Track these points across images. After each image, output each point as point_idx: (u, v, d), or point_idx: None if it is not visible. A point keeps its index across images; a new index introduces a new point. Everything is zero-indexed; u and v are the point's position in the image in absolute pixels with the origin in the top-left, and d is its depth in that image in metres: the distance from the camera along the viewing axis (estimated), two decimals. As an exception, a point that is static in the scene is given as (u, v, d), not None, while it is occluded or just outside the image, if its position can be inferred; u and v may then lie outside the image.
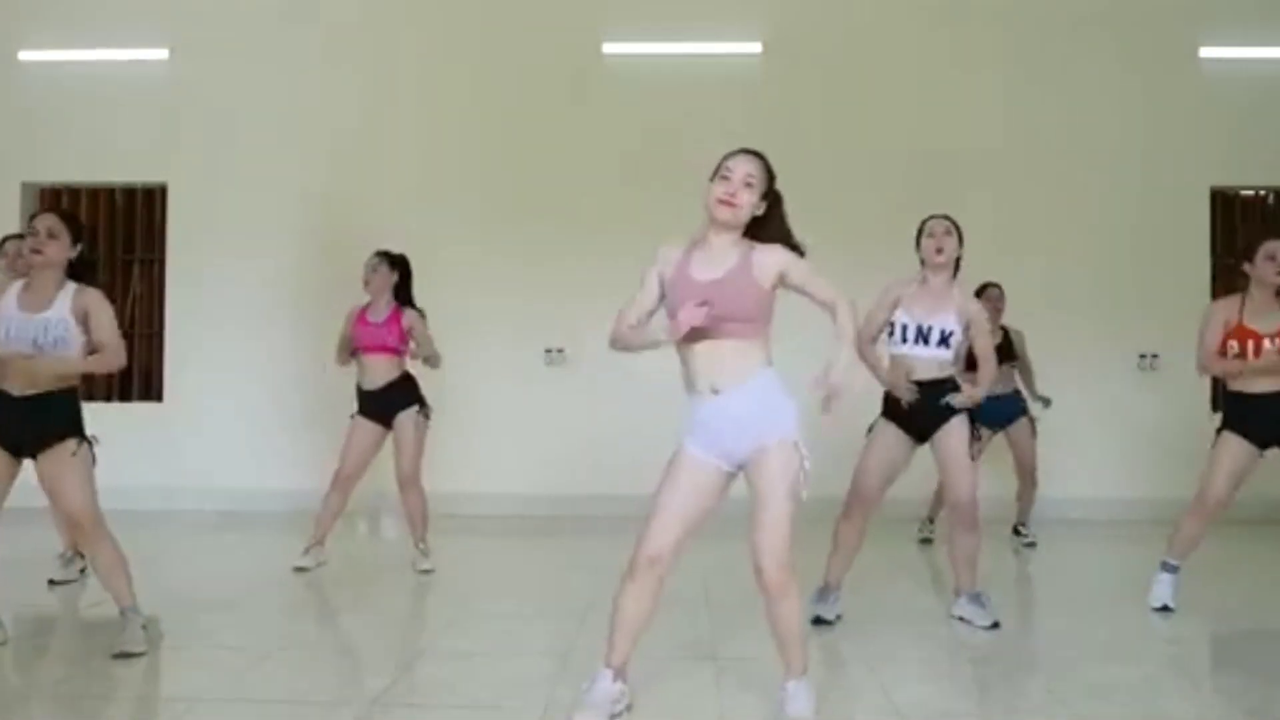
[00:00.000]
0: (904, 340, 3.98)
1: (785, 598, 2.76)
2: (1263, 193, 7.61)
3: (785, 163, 8.12)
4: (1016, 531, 6.05)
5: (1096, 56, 7.20)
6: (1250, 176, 7.41)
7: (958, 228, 4.07)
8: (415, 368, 5.20)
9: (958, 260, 4.08)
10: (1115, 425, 7.07)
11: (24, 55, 7.54)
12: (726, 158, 2.84)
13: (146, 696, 3.26)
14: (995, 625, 3.93)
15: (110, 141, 7.47)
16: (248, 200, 7.39)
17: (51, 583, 4.70)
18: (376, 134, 7.39)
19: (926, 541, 5.96)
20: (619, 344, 2.89)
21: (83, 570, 4.82)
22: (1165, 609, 4.19)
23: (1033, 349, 6.14)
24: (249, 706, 3.01)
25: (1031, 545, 5.92)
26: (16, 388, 3.46)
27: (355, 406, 5.14)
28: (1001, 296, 5.98)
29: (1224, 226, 7.30)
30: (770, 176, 2.86)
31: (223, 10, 7.51)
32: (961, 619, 4.01)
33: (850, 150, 7.17)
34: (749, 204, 2.79)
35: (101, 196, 7.79)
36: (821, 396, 2.64)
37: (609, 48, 7.34)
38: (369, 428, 5.10)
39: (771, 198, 2.86)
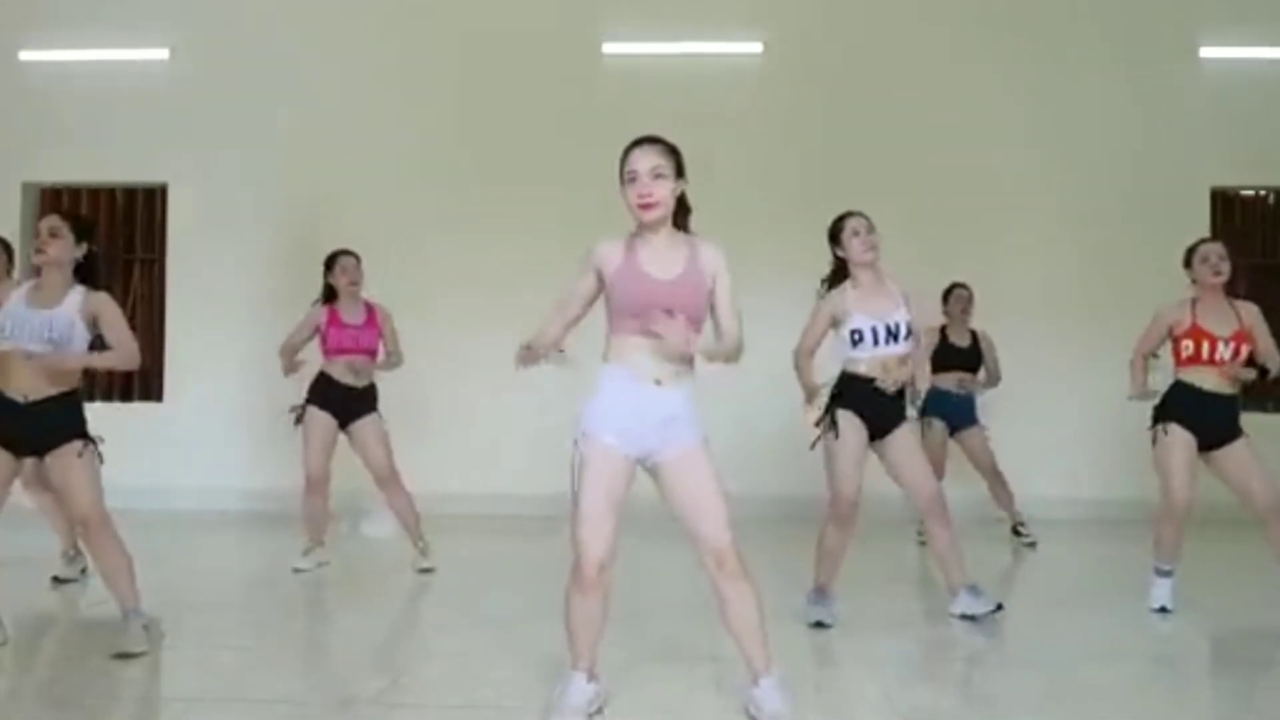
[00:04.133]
0: (875, 343, 3.92)
1: (745, 581, 2.77)
2: (1263, 193, 7.61)
3: (785, 162, 8.16)
4: (1016, 532, 6.04)
5: (1096, 56, 7.19)
6: (1250, 176, 7.41)
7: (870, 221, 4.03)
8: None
9: None
10: (1115, 425, 7.04)
11: (24, 55, 7.54)
12: (625, 155, 2.80)
13: (147, 696, 3.26)
14: (999, 608, 3.94)
15: (110, 141, 7.47)
16: (248, 200, 7.39)
17: (55, 580, 4.71)
18: (375, 134, 7.38)
19: (925, 544, 5.94)
20: (539, 341, 2.94)
21: (84, 570, 4.83)
22: (1163, 610, 4.20)
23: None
24: (249, 706, 3.02)
25: (1032, 545, 5.91)
26: (19, 393, 3.46)
27: (306, 396, 5.07)
28: (970, 298, 5.97)
29: (1224, 226, 7.29)
30: (674, 153, 2.81)
31: (223, 10, 7.51)
32: (963, 615, 4.00)
33: (850, 150, 7.16)
34: (666, 195, 2.78)
35: (101, 196, 7.79)
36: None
37: (609, 48, 7.34)
38: (325, 420, 5.01)
39: (684, 176, 2.83)
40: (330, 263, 5.14)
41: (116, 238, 7.77)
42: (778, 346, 4.17)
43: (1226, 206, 7.43)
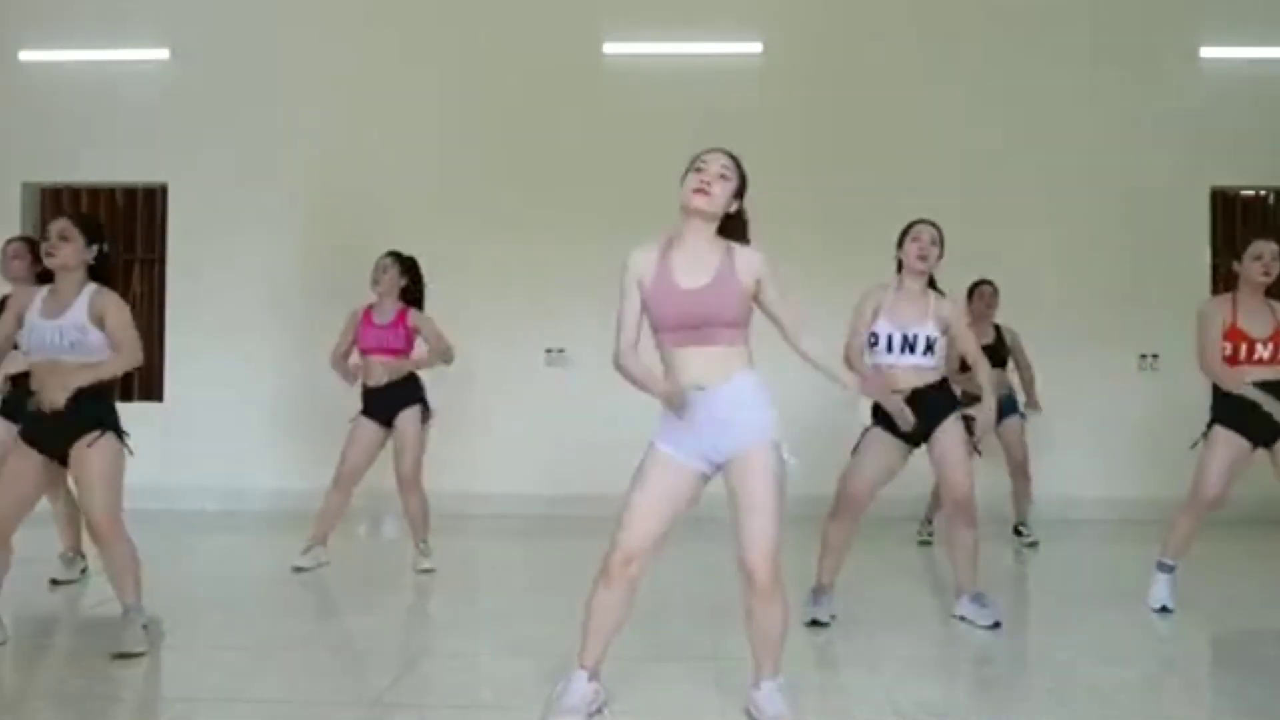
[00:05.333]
0: (889, 350, 3.93)
1: (773, 601, 2.74)
2: (1263, 193, 7.60)
3: (784, 162, 8.17)
4: (1018, 532, 6.04)
5: (1096, 56, 7.19)
6: (1250, 176, 7.40)
7: (942, 237, 4.04)
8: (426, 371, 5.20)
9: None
10: (1116, 425, 7.07)
11: (24, 55, 7.54)
12: (698, 155, 2.83)
13: (147, 696, 3.26)
14: (996, 625, 3.92)
15: (110, 141, 7.47)
16: (248, 200, 7.39)
17: (53, 582, 4.71)
18: (377, 134, 7.38)
19: (925, 543, 5.94)
20: (624, 373, 2.81)
21: (84, 570, 4.83)
22: (1164, 609, 4.20)
23: (1033, 350, 6.13)
24: (249, 706, 3.02)
25: (1033, 545, 5.91)
26: (47, 403, 3.46)
27: (360, 407, 5.13)
28: (995, 294, 5.97)
29: (1224, 226, 7.30)
30: (743, 176, 2.85)
31: (223, 10, 7.51)
32: (963, 619, 4.01)
33: (850, 150, 7.16)
34: (724, 195, 2.79)
35: (101, 196, 7.79)
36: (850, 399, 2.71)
37: (609, 48, 7.34)
38: (371, 428, 5.09)
39: (743, 198, 2.86)
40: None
41: (116, 238, 7.74)
42: (777, 349, 4.18)
43: (1226, 206, 7.43)
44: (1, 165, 7.48)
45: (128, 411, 3.69)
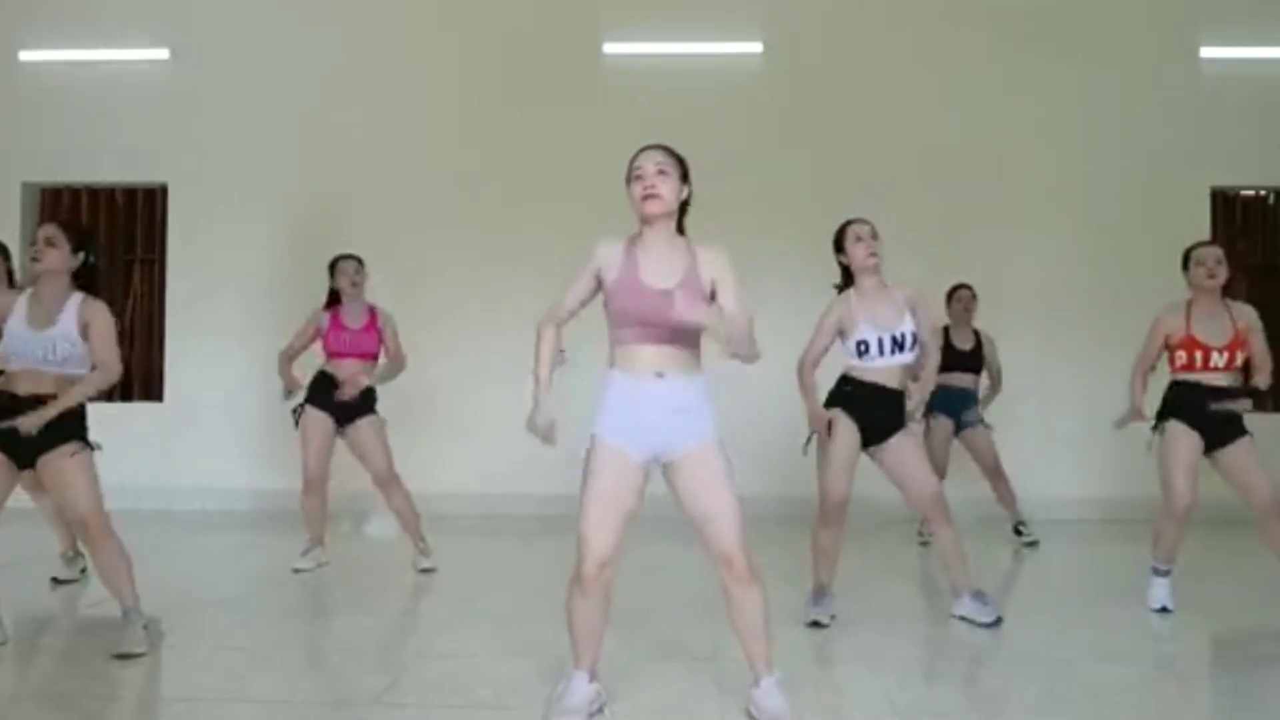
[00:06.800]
0: (880, 353, 3.91)
1: (754, 585, 2.77)
2: (1263, 193, 7.60)
3: (785, 162, 8.15)
4: (1017, 531, 6.03)
5: (1097, 57, 7.19)
6: (1250, 176, 7.41)
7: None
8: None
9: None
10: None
11: (24, 55, 7.55)
12: (632, 160, 2.85)
13: (147, 697, 3.26)
14: (998, 621, 3.93)
15: (110, 141, 7.48)
16: (248, 200, 7.40)
17: (55, 581, 4.71)
18: (375, 134, 7.39)
19: (925, 544, 5.94)
20: (540, 342, 2.93)
21: (84, 570, 4.83)
22: (1164, 610, 4.21)
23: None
24: (249, 706, 3.02)
25: (1033, 545, 5.91)
26: (22, 389, 3.48)
27: (305, 395, 5.09)
28: (973, 298, 5.97)
29: (1224, 226, 7.30)
30: (680, 160, 2.86)
31: (223, 10, 7.51)
32: (963, 618, 4.01)
33: (850, 150, 7.17)
34: (671, 191, 2.81)
35: (101, 196, 7.80)
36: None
37: (609, 48, 7.34)
38: (321, 419, 5.04)
39: (689, 182, 2.88)
40: (332, 267, 5.19)
41: (116, 238, 7.77)
42: (776, 348, 4.17)
43: (1227, 206, 7.43)
44: (1, 165, 7.49)
45: (128, 411, 3.71)
